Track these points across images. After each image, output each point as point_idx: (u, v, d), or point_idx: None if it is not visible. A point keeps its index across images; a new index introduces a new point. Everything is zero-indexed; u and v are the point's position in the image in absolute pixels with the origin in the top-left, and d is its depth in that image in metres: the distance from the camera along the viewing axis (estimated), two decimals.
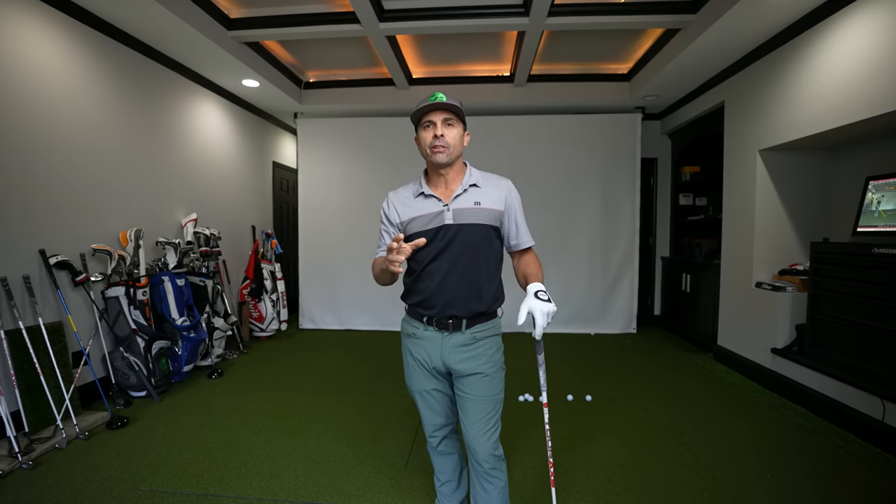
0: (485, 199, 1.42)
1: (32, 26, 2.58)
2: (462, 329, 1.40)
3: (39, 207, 2.61)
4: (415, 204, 1.44)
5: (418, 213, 1.42)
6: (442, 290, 1.39)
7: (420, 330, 1.46)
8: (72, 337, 2.73)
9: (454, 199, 1.40)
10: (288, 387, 3.31)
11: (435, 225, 1.39)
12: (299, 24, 3.52)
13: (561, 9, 3.31)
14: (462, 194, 1.41)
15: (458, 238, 1.38)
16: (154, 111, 3.54)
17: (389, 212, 1.48)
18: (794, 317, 3.17)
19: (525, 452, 2.30)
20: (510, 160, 4.97)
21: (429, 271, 1.40)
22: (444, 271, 1.38)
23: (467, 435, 1.43)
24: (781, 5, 2.78)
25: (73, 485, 2.00)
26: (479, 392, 1.41)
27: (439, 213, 1.40)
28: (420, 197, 1.44)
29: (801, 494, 1.97)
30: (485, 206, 1.41)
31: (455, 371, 1.43)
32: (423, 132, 1.40)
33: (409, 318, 1.51)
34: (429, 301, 1.41)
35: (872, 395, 2.43)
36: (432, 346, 1.43)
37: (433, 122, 1.37)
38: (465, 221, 1.39)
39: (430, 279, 1.40)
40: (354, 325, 5.20)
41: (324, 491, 1.99)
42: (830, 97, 2.74)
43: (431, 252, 1.39)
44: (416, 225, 1.41)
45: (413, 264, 1.45)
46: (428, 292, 1.40)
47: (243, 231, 4.88)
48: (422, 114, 1.37)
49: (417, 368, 1.48)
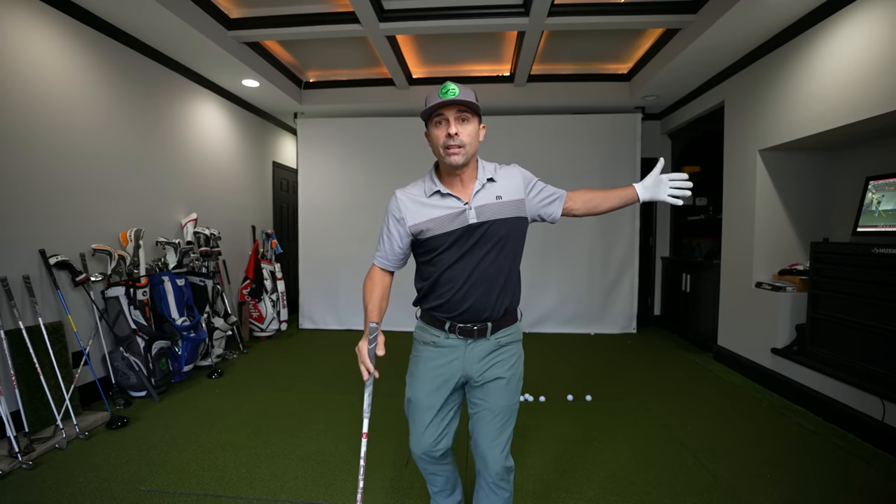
0: (504, 191, 1.34)
1: (32, 26, 2.58)
2: (487, 335, 1.33)
3: (39, 207, 2.61)
4: (430, 203, 1.32)
5: (436, 214, 1.30)
6: (466, 294, 1.30)
7: (441, 338, 1.36)
8: (72, 337, 2.73)
9: (475, 196, 1.31)
10: (288, 387, 3.31)
11: (458, 226, 1.29)
12: (299, 24, 3.52)
13: (561, 9, 3.31)
14: (481, 190, 1.32)
15: (484, 237, 1.29)
16: (154, 111, 3.54)
17: (400, 213, 1.34)
18: (794, 317, 3.17)
19: (525, 453, 2.29)
20: (510, 160, 4.90)
21: (450, 275, 1.31)
22: (468, 274, 1.29)
23: (480, 446, 1.37)
24: (781, 5, 2.78)
25: (73, 485, 2.00)
26: (497, 401, 1.35)
27: (461, 212, 1.29)
28: (436, 196, 1.32)
29: (801, 494, 1.97)
30: (507, 199, 1.33)
31: (475, 380, 1.36)
32: (434, 129, 1.27)
33: (426, 326, 1.40)
34: (451, 307, 1.32)
35: (872, 395, 2.43)
36: (454, 355, 1.35)
37: (445, 119, 1.25)
38: (492, 218, 1.30)
39: (451, 283, 1.31)
40: (354, 325, 5.20)
41: (324, 491, 1.99)
42: (830, 97, 2.74)
43: (454, 255, 1.30)
44: (435, 227, 1.30)
45: (430, 269, 1.35)
46: (449, 297, 1.31)
47: (243, 231, 4.88)
48: (432, 109, 1.24)
49: (432, 380, 1.37)
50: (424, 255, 1.37)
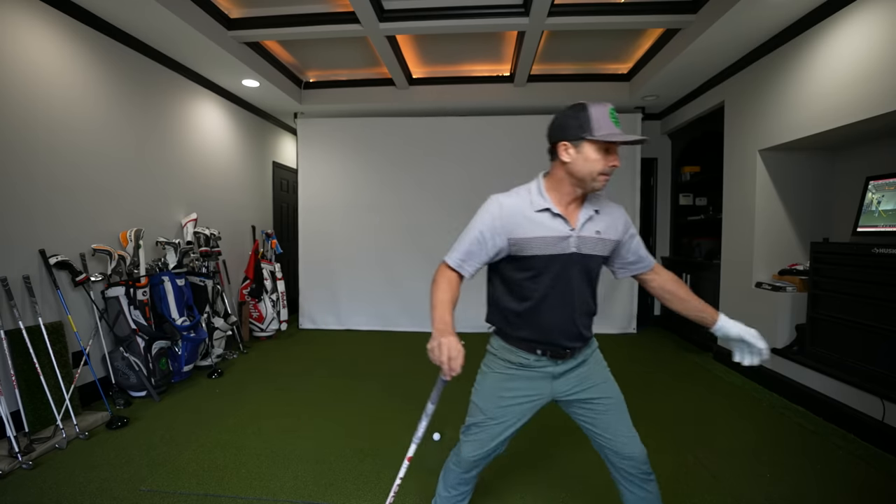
0: (605, 228, 1.31)
1: (32, 26, 2.58)
2: (575, 354, 1.35)
3: (39, 207, 2.61)
4: (537, 220, 1.26)
5: (543, 234, 1.25)
6: (561, 322, 1.29)
7: (531, 360, 1.34)
8: (72, 337, 2.73)
9: (582, 227, 1.27)
10: (287, 387, 3.30)
11: (559, 251, 1.25)
12: (299, 24, 3.52)
13: (561, 9, 3.31)
14: (588, 221, 1.28)
15: (577, 267, 1.28)
16: (154, 111, 3.54)
17: (502, 222, 1.26)
18: (794, 317, 3.17)
19: (521, 451, 2.29)
20: (510, 160, 4.97)
21: (548, 303, 1.29)
22: (563, 301, 1.29)
23: (621, 445, 1.35)
24: (781, 5, 2.79)
25: (73, 485, 2.00)
26: (616, 392, 1.38)
27: (565, 238, 1.25)
28: (545, 214, 1.26)
29: (801, 494, 1.97)
30: (604, 237, 1.30)
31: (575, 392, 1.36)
32: (591, 151, 1.19)
33: (514, 349, 1.36)
34: (545, 334, 1.31)
35: (872, 394, 2.43)
36: (545, 373, 1.35)
37: (614, 149, 1.20)
38: (587, 252, 1.28)
39: (549, 311, 1.29)
40: (354, 325, 5.19)
41: (324, 491, 1.99)
42: (830, 97, 2.74)
43: (550, 280, 1.27)
44: (537, 246, 1.25)
45: (524, 292, 1.31)
46: (545, 324, 1.30)
47: (243, 231, 4.88)
48: (611, 140, 1.17)
49: (517, 399, 1.36)
50: (517, 272, 1.31)
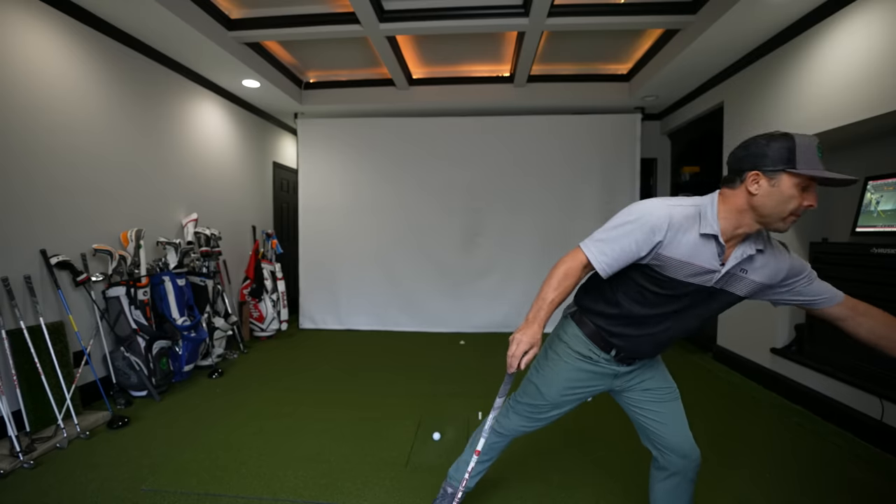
0: (755, 271, 1.18)
1: (32, 27, 2.58)
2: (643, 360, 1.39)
3: (40, 208, 2.62)
4: (696, 244, 1.15)
5: (694, 261, 1.15)
6: (663, 338, 1.28)
7: (600, 357, 1.35)
8: (73, 337, 2.74)
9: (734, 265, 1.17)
10: (288, 387, 3.31)
11: (700, 283, 1.18)
12: (299, 24, 3.53)
13: (561, 9, 3.31)
14: (743, 260, 1.17)
15: (710, 299, 1.21)
16: (154, 111, 3.54)
17: (664, 234, 1.14)
18: (794, 317, 3.17)
19: (520, 452, 2.30)
20: (510, 161, 4.98)
21: (662, 323, 1.25)
22: (678, 325, 1.25)
23: (677, 441, 1.35)
24: (781, 5, 2.79)
25: (74, 484, 2.01)
26: (673, 384, 1.41)
27: (712, 271, 1.16)
28: (709, 241, 1.14)
29: (801, 494, 1.98)
30: (751, 278, 1.19)
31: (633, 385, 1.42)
32: (788, 187, 1.06)
33: (589, 342, 1.35)
34: (633, 344, 1.29)
35: (871, 394, 2.44)
36: (607, 372, 1.38)
37: (811, 189, 1.08)
38: (726, 288, 1.20)
39: (657, 325, 1.25)
40: (354, 325, 5.20)
41: (324, 491, 1.99)
42: (830, 97, 2.75)
43: (670, 306, 1.22)
44: (682, 271, 1.16)
45: (645, 302, 1.24)
46: (645, 334, 1.27)
47: (244, 231, 4.89)
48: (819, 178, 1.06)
49: (575, 389, 1.42)
50: (646, 281, 1.23)
